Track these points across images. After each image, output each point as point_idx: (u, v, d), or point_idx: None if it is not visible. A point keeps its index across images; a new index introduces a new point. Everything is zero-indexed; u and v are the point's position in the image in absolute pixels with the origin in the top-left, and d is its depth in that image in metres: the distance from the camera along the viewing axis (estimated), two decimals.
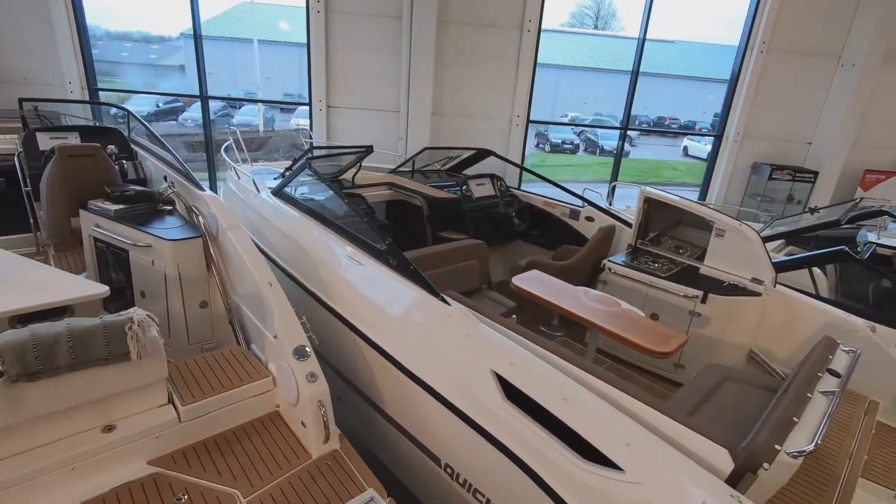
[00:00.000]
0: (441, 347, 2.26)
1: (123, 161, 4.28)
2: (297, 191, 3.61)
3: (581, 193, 5.03)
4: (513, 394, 1.95)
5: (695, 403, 2.40)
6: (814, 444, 1.69)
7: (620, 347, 2.78)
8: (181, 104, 17.06)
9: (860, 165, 8.42)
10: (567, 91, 23.00)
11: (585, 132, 21.14)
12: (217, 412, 2.14)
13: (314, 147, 5.08)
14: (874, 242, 4.98)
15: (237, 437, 2.15)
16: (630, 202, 5.93)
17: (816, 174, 8.20)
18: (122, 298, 3.09)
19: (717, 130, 8.61)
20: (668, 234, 4.28)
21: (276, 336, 2.29)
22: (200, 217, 2.96)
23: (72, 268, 3.50)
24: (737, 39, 8.12)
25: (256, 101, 18.81)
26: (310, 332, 2.35)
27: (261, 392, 2.27)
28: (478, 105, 7.70)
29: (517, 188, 5.82)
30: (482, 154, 5.78)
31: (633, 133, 22.04)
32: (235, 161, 4.57)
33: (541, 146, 20.78)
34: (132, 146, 4.56)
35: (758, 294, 3.36)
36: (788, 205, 8.24)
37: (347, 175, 4.90)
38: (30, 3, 6.24)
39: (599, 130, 20.16)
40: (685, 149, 21.37)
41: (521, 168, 6.56)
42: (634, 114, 20.23)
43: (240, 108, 18.05)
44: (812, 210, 5.87)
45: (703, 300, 3.39)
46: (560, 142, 20.41)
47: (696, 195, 9.26)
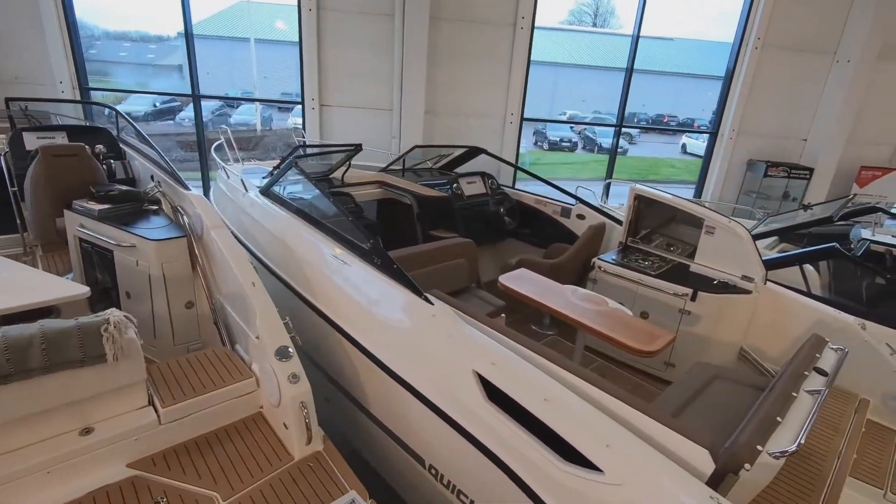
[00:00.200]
0: (424, 347, 2.24)
1: (112, 161, 4.26)
2: (285, 190, 3.58)
3: (574, 191, 5.00)
4: (494, 394, 1.93)
5: (682, 403, 2.38)
6: (796, 445, 1.67)
7: (611, 346, 2.77)
8: (178, 104, 17.02)
9: (856, 162, 8.40)
10: (566, 89, 22.93)
11: (584, 130, 21.09)
12: (198, 414, 2.11)
13: (300, 146, 5.05)
14: (868, 239, 4.96)
15: (219, 439, 2.12)
16: (625, 200, 5.92)
17: (812, 171, 8.18)
18: (108, 299, 3.07)
19: (713, 127, 8.58)
20: (660, 232, 4.24)
21: (259, 336, 2.26)
22: (185, 217, 2.93)
23: (59, 268, 3.48)
24: (733, 36, 8.09)
25: (250, 101, 18.75)
26: (293, 333, 2.33)
27: (244, 393, 2.24)
28: (471, 103, 7.66)
29: (511, 187, 5.80)
30: (473, 152, 5.75)
31: (634, 131, 22.05)
32: (226, 160, 4.54)
33: (539, 144, 20.73)
34: (121, 146, 4.53)
35: (748, 292, 3.34)
36: (784, 202, 8.22)
37: (337, 174, 4.87)
38: (20, 3, 6.20)
39: (598, 128, 20.10)
40: (684, 146, 21.32)
41: (512, 166, 6.53)
42: (633, 111, 20.28)
43: (237, 108, 17.98)
44: (805, 207, 5.84)
45: (693, 298, 3.36)
46: (558, 140, 20.38)
47: (692, 193, 9.23)
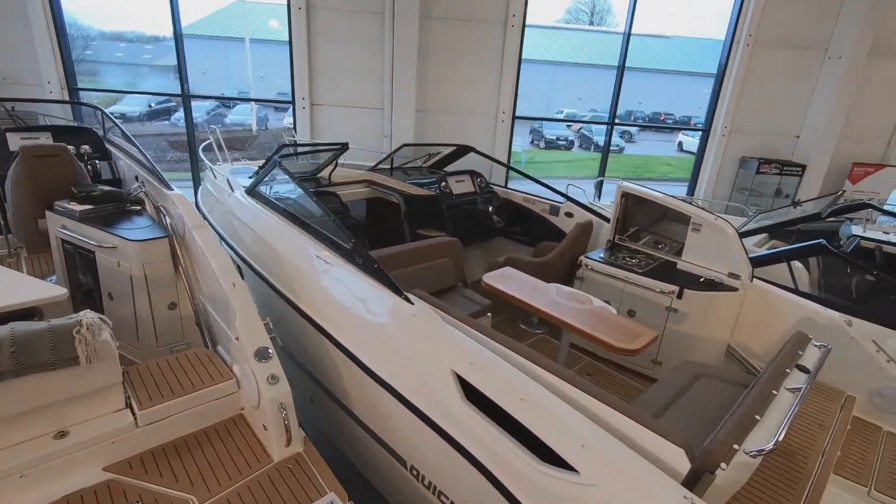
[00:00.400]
0: (403, 347, 2.23)
1: (97, 161, 4.23)
2: (270, 189, 3.56)
3: (565, 190, 4.98)
4: (473, 394, 1.91)
5: (665, 401, 2.37)
6: (773, 443, 1.66)
7: (599, 345, 2.76)
8: (174, 104, 16.96)
9: (848, 158, 8.40)
10: (563, 87, 22.94)
11: (581, 128, 21.11)
12: (177, 416, 2.09)
13: (286, 145, 5.02)
14: (858, 235, 4.96)
15: (198, 442, 2.10)
16: None
17: (804, 168, 8.18)
18: (92, 301, 3.04)
19: (705, 125, 8.57)
20: (649, 230, 4.23)
21: (238, 337, 2.24)
22: (168, 217, 2.91)
23: (43, 270, 3.45)
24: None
25: (242, 100, 18.74)
26: (273, 334, 2.31)
27: (224, 395, 2.22)
28: (463, 101, 7.64)
29: (504, 185, 5.77)
30: (462, 150, 5.72)
31: (634, 129, 22.09)
32: (213, 160, 4.52)
33: (536, 143, 20.74)
34: (107, 146, 4.50)
35: (734, 289, 3.33)
36: (777, 199, 8.21)
37: (325, 173, 4.84)
38: (7, 3, 6.17)
39: (594, 126, 20.12)
40: (680, 144, 21.36)
41: (501, 164, 6.50)
42: (631, 109, 20.30)
43: (233, 108, 17.94)
44: (795, 203, 5.84)
45: (679, 296, 3.35)
46: (555, 138, 20.41)
47: (685, 190, 9.23)
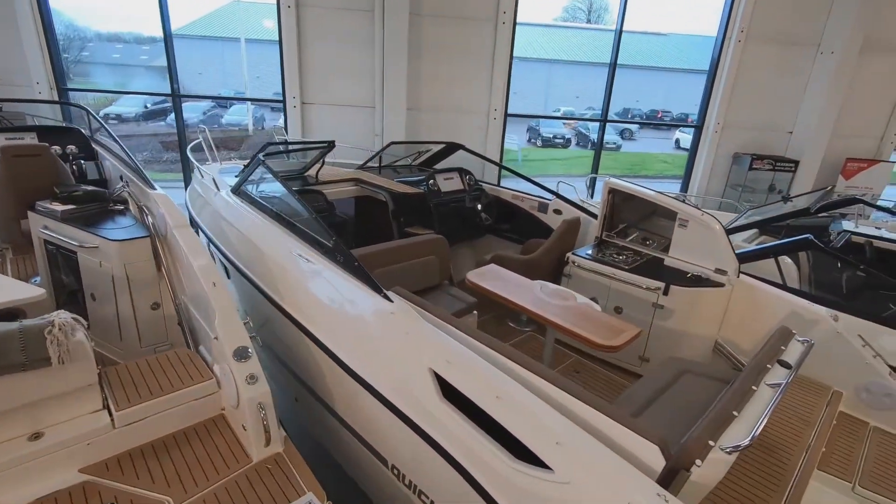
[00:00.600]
0: (383, 346, 2.22)
1: (83, 161, 4.21)
2: (255, 188, 3.54)
3: (556, 187, 4.96)
4: (450, 393, 1.90)
5: (648, 398, 2.36)
6: (749, 439, 1.65)
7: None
8: (170, 104, 16.88)
9: (841, 154, 8.40)
10: (560, 85, 22.89)
11: (577, 126, 21.09)
12: (156, 416, 2.08)
13: (271, 143, 5.00)
14: (849, 231, 4.96)
15: (177, 442, 2.09)
16: None
17: (797, 163, 8.18)
18: (75, 301, 3.03)
19: (698, 121, 8.57)
20: (637, 226, 4.21)
21: (217, 337, 2.23)
22: (150, 216, 2.89)
23: (28, 271, 3.44)
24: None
25: (235, 99, 18.70)
26: (253, 333, 2.30)
27: (204, 395, 2.21)
28: (455, 99, 7.62)
29: (496, 184, 5.75)
30: (451, 148, 5.70)
31: (634, 127, 22.08)
32: (203, 160, 4.50)
33: (532, 141, 20.71)
34: (94, 146, 4.48)
35: (721, 285, 3.31)
36: (770, 194, 8.21)
37: (311, 171, 4.82)
38: None
39: (591, 124, 20.13)
40: (677, 141, 21.35)
41: (491, 161, 6.48)
42: (628, 107, 20.28)
43: (230, 108, 17.89)
44: (786, 198, 5.84)
45: (666, 292, 3.34)
46: (552, 136, 20.40)
47: (679, 188, 9.22)
